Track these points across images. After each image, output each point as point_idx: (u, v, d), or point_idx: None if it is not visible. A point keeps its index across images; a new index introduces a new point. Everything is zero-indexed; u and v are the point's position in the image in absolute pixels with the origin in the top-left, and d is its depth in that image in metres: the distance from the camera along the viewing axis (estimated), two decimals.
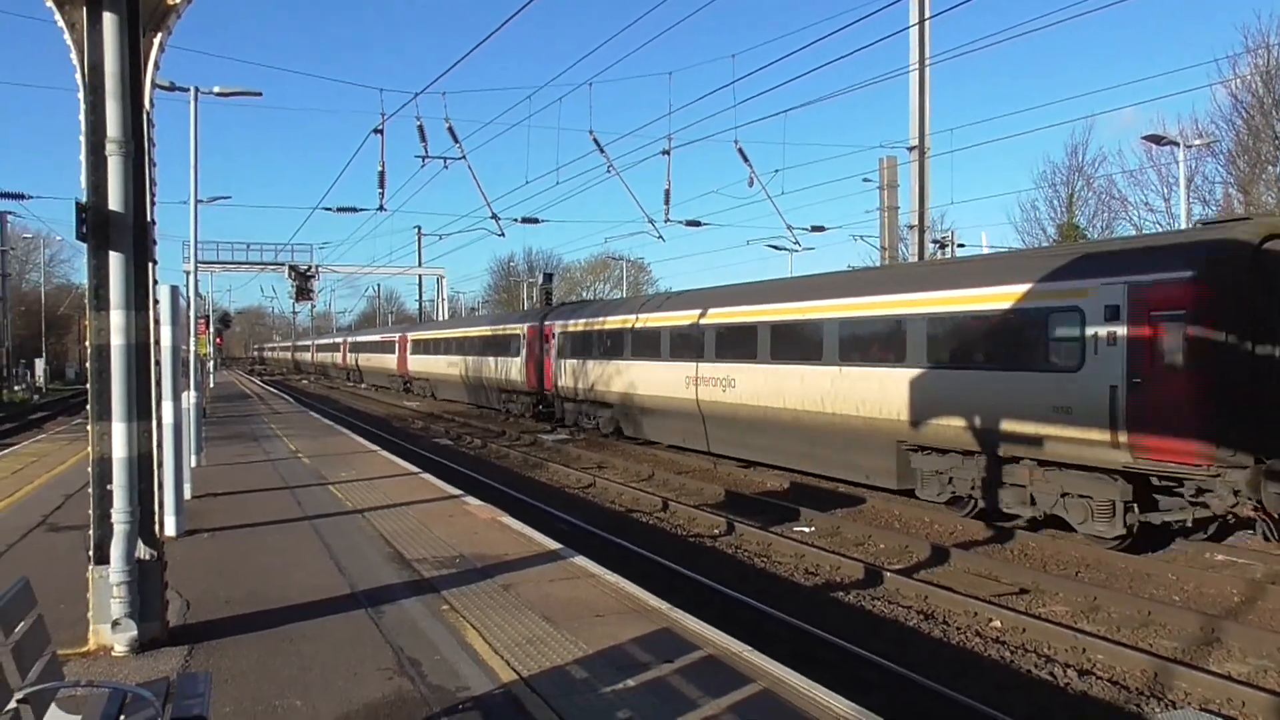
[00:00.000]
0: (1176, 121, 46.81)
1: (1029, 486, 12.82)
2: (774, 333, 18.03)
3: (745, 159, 24.15)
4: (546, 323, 29.95)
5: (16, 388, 54.03)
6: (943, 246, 38.41)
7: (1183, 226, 28.47)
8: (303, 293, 36.72)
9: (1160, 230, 31.58)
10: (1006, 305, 13.03)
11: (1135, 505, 11.65)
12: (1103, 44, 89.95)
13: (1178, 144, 29.69)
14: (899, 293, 15.14)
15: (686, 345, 21.22)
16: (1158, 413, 10.98)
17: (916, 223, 26.79)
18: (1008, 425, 12.73)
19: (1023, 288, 12.84)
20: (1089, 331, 11.72)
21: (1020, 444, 12.66)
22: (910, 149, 26.46)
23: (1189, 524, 11.60)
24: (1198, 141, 31.69)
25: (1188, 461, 10.83)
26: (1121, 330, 11.38)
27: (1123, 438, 11.29)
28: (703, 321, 20.65)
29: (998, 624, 9.17)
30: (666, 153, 24.35)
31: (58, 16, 6.21)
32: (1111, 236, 34.94)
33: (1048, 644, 8.58)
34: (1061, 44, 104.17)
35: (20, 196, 32.27)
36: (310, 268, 39.75)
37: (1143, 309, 11.23)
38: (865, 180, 31.83)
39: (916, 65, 25.53)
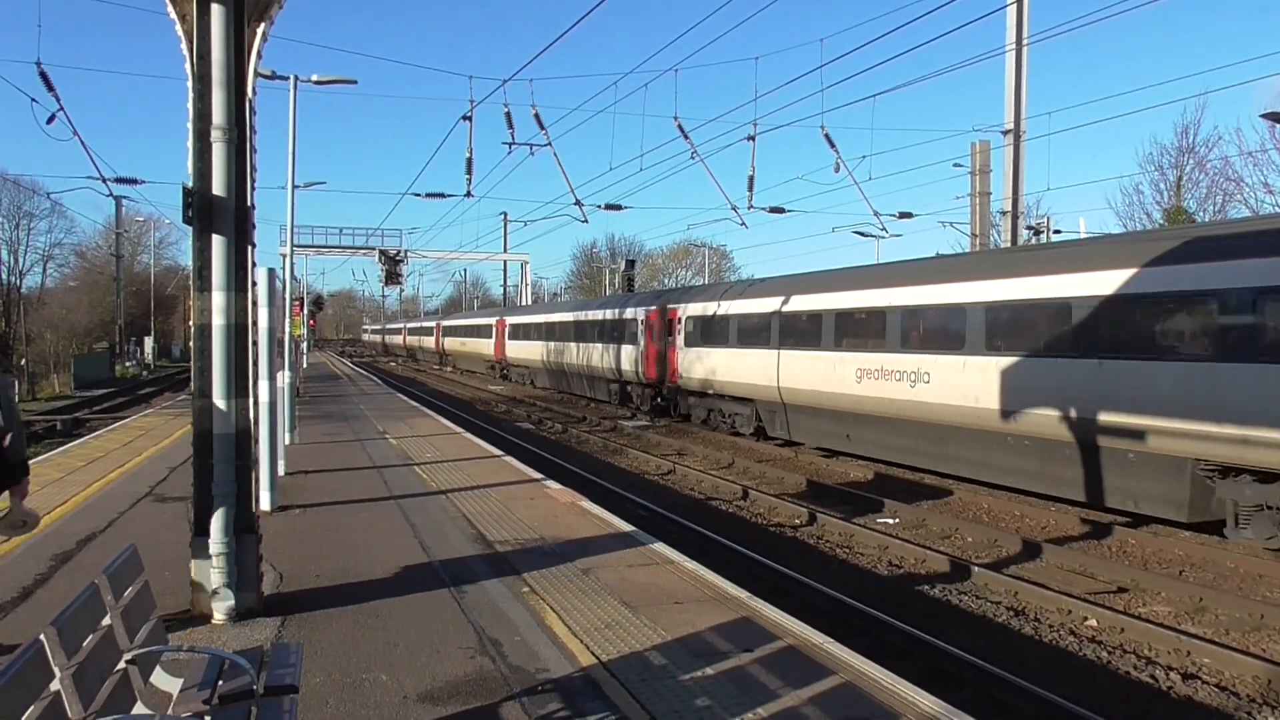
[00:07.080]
0: None
1: None
2: (990, 316, 14.72)
3: (832, 144, 23.67)
4: (670, 306, 26.67)
5: (128, 364, 57.10)
6: (1037, 233, 37.06)
7: None
8: (392, 277, 37.53)
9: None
10: None
11: None
12: (1216, 16, 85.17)
13: None
14: (1196, 262, 11.50)
15: (858, 331, 18.04)
16: None
17: (1010, 208, 25.92)
18: None
19: None
20: None
21: None
22: (1005, 133, 25.59)
23: None
24: None
25: None
26: None
27: None
28: (883, 303, 17.24)
29: (1094, 623, 8.82)
30: (752, 138, 24.08)
31: (170, 9, 6.45)
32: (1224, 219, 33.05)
33: (1149, 645, 8.22)
34: (1170, 19, 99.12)
35: (134, 182, 33.82)
36: (400, 252, 40.67)
37: None
38: (956, 165, 30.92)
39: (1014, 45, 24.63)
